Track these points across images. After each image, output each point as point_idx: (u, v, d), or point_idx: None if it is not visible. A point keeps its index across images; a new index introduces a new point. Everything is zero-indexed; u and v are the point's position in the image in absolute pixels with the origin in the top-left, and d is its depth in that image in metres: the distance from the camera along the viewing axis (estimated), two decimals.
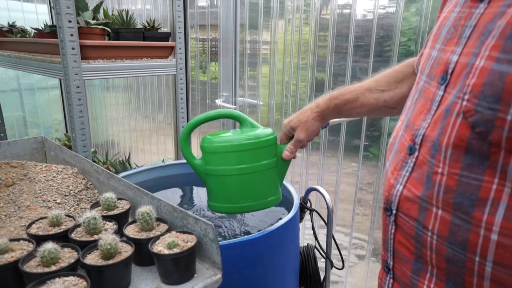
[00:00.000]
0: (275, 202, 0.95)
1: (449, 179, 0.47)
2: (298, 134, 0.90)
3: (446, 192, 0.47)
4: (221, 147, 0.90)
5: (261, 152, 0.90)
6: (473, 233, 0.44)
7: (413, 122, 0.55)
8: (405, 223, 0.54)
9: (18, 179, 0.93)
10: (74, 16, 1.27)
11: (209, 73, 2.08)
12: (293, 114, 0.92)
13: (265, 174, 0.91)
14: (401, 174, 0.55)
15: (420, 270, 0.54)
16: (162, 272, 0.66)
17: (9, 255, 0.62)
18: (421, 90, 0.56)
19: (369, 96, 0.83)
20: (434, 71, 0.53)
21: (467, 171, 0.45)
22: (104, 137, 3.09)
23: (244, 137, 0.89)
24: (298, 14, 1.61)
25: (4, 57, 1.83)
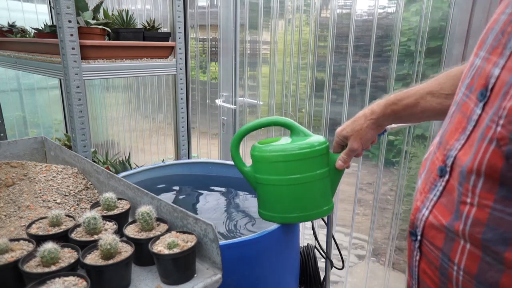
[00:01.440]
0: (327, 213, 0.93)
1: (479, 211, 0.42)
2: (352, 144, 0.85)
3: (474, 225, 0.42)
4: (272, 157, 0.88)
5: (313, 162, 0.87)
6: (507, 275, 0.39)
7: (447, 140, 0.51)
8: (430, 252, 0.50)
9: (18, 179, 0.93)
10: (74, 16, 1.27)
11: (209, 73, 2.08)
12: (346, 122, 0.88)
13: (317, 184, 0.89)
14: (428, 198, 0.51)
15: None
16: (162, 272, 0.66)
17: (9, 255, 0.62)
18: (459, 103, 0.50)
19: (432, 101, 0.73)
20: (474, 84, 0.46)
21: (501, 204, 0.40)
22: (104, 137, 3.09)
23: (296, 147, 0.86)
24: (298, 14, 1.61)
25: (4, 57, 1.83)
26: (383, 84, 1.41)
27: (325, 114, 1.59)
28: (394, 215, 1.48)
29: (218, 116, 2.04)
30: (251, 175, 0.95)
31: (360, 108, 1.50)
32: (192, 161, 1.49)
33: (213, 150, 2.19)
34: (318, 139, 0.89)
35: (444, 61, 1.24)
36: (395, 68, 1.36)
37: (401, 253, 1.56)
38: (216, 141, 2.13)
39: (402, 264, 1.57)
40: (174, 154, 1.93)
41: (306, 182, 0.87)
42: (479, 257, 0.42)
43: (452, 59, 1.18)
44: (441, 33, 1.24)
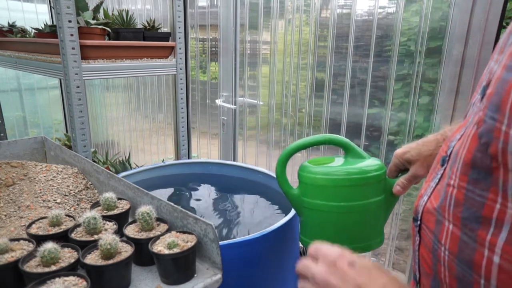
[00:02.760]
0: (377, 246, 0.83)
1: (458, 192, 0.45)
2: (417, 170, 0.76)
3: (455, 206, 0.45)
4: (321, 180, 0.79)
5: (368, 189, 0.78)
6: (478, 252, 0.42)
7: (453, 133, 0.53)
8: (426, 235, 0.52)
9: (18, 179, 0.93)
10: (74, 16, 1.27)
11: (209, 73, 2.09)
12: (410, 144, 0.78)
13: (369, 214, 0.80)
14: (430, 186, 0.53)
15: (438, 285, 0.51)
16: (162, 272, 0.66)
17: (9, 255, 0.62)
18: (474, 103, 0.52)
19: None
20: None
21: (472, 185, 0.42)
22: (104, 137, 3.09)
23: (350, 171, 0.78)
24: (298, 14, 1.61)
25: (4, 57, 1.83)
26: (383, 84, 1.41)
27: (325, 114, 1.59)
28: (394, 215, 1.48)
29: (218, 116, 2.04)
30: (297, 197, 0.85)
31: (360, 108, 1.50)
32: (192, 161, 1.49)
33: (213, 150, 2.19)
34: (374, 163, 0.80)
35: (444, 61, 1.24)
36: (395, 68, 1.36)
37: (401, 253, 1.56)
38: (216, 141, 2.13)
39: (402, 264, 1.57)
40: (174, 154, 1.93)
41: (358, 211, 0.78)
42: (459, 237, 0.44)
43: (452, 59, 1.18)
44: (441, 33, 1.24)
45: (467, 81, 1.15)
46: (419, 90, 1.33)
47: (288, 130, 1.77)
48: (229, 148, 2.00)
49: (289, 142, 1.78)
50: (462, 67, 1.16)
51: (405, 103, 1.37)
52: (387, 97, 1.40)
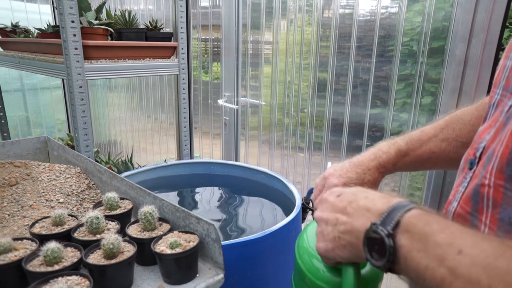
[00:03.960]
0: None
1: (495, 192, 0.41)
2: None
3: (493, 207, 0.42)
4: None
5: None
6: None
7: (479, 135, 0.51)
8: None
9: (21, 179, 0.93)
10: (77, 17, 1.27)
11: (211, 73, 2.09)
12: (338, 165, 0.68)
13: None
14: (459, 191, 0.51)
15: None
16: (164, 272, 0.66)
17: (13, 254, 0.62)
18: (494, 103, 0.50)
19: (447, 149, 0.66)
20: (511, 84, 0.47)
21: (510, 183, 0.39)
22: (106, 137, 3.10)
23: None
24: (300, 14, 1.61)
25: (7, 57, 1.84)
26: (385, 84, 1.41)
27: (327, 115, 1.59)
28: None
29: (220, 116, 2.04)
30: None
31: (362, 109, 1.49)
32: (194, 161, 1.49)
33: (215, 150, 2.19)
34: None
35: (446, 61, 1.23)
36: (397, 68, 1.36)
37: None
38: (218, 141, 2.13)
39: None
40: (176, 154, 1.94)
41: None
42: None
43: (455, 59, 1.18)
44: (443, 33, 1.23)
45: (470, 81, 1.15)
46: (422, 90, 1.32)
47: (290, 130, 1.77)
48: (231, 148, 2.00)
49: (291, 142, 1.78)
50: (465, 67, 1.16)
51: (408, 103, 1.37)
52: (389, 98, 1.40)
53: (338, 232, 0.44)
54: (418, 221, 0.37)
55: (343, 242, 0.44)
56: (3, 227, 0.79)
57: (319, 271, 0.55)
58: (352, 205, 0.44)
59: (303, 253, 0.59)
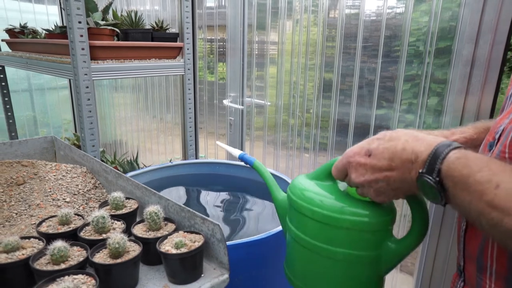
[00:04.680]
0: None
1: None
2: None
3: None
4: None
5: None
6: None
7: (497, 123, 0.53)
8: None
9: (28, 178, 0.94)
10: (84, 17, 1.28)
11: (216, 73, 2.09)
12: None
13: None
14: None
15: (482, 268, 0.52)
16: (170, 272, 0.66)
17: (20, 252, 0.63)
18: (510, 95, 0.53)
19: None
20: None
21: None
22: (112, 137, 3.12)
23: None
24: (306, 15, 1.61)
25: (15, 58, 1.86)
26: (391, 84, 1.40)
27: (333, 115, 1.58)
28: (402, 217, 1.47)
29: (225, 116, 2.04)
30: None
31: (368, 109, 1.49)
32: (200, 161, 1.49)
33: (221, 151, 2.20)
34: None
35: (453, 61, 1.23)
36: (403, 68, 1.35)
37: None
38: (223, 141, 2.13)
39: (409, 267, 1.56)
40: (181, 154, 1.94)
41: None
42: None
43: (462, 59, 1.17)
44: (450, 33, 1.23)
45: (477, 81, 1.14)
46: (428, 91, 1.31)
47: (295, 131, 1.76)
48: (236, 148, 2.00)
49: (296, 142, 1.78)
50: (472, 67, 1.15)
51: (414, 104, 1.36)
52: (395, 98, 1.39)
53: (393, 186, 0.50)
54: (457, 165, 0.42)
55: (400, 193, 0.51)
56: (11, 225, 0.80)
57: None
58: (395, 160, 0.48)
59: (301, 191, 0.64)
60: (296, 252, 0.67)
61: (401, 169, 0.48)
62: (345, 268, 0.61)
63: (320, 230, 0.60)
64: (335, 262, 0.61)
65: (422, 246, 1.40)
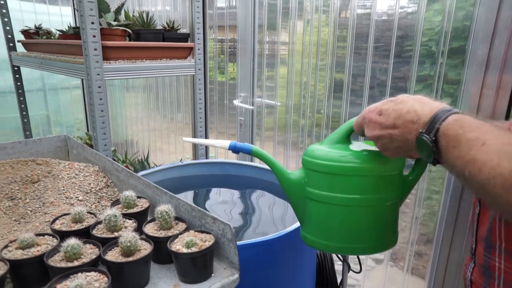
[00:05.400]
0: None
1: None
2: None
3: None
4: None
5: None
6: None
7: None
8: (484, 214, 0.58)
9: (43, 176, 0.96)
10: (97, 18, 1.30)
11: (227, 73, 2.10)
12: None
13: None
14: None
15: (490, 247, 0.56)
16: (180, 271, 0.67)
17: (35, 249, 0.64)
18: None
19: None
20: None
21: None
22: (123, 136, 3.15)
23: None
24: (317, 15, 1.60)
25: (30, 58, 1.89)
26: (403, 85, 1.39)
27: (344, 116, 1.57)
28: (414, 219, 1.45)
29: (235, 116, 2.05)
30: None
31: None
32: (210, 161, 1.50)
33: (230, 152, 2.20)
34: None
35: (467, 62, 1.21)
36: (416, 69, 1.33)
37: (421, 258, 1.52)
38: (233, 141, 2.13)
39: (421, 270, 1.54)
40: (191, 154, 1.95)
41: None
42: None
43: (476, 59, 1.15)
44: (464, 33, 1.21)
45: (492, 82, 1.12)
46: (441, 92, 1.30)
47: (305, 131, 1.76)
48: None
49: (306, 143, 1.77)
50: (487, 68, 1.13)
51: None
52: None
53: (395, 144, 0.56)
54: (453, 125, 0.48)
55: (400, 151, 0.58)
56: (26, 222, 0.82)
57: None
58: (400, 120, 0.54)
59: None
60: (318, 212, 0.73)
61: (403, 128, 0.54)
62: (380, 212, 0.70)
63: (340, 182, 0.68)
64: (364, 209, 0.69)
65: (434, 251, 1.38)
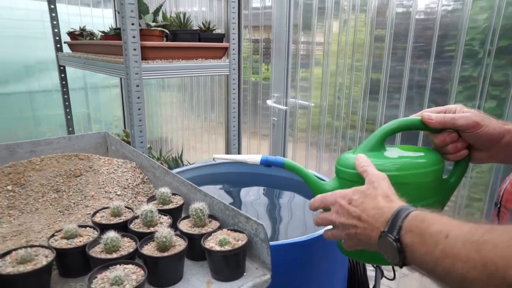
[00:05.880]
0: None
1: None
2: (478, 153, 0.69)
3: None
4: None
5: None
6: None
7: None
8: (503, 215, 0.57)
9: (84, 171, 1.00)
10: (137, 19, 1.34)
11: (261, 73, 2.10)
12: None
13: None
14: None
15: None
16: (213, 268, 0.68)
17: (78, 239, 0.68)
18: None
19: None
20: None
21: None
22: (158, 134, 3.24)
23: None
24: (354, 14, 1.57)
25: (75, 58, 1.99)
26: (443, 86, 1.33)
27: (380, 117, 1.53)
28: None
29: (268, 116, 2.05)
30: None
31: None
32: None
33: (263, 151, 2.20)
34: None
35: None
36: (458, 70, 1.27)
37: None
38: (265, 141, 2.14)
39: None
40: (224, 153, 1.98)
41: None
42: None
43: None
44: None
45: None
46: (486, 94, 1.23)
47: (339, 133, 1.73)
48: (279, 149, 2.00)
49: (340, 145, 1.74)
50: None
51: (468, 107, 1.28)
52: (448, 101, 1.32)
53: (357, 236, 0.56)
54: (416, 221, 0.47)
55: (362, 244, 0.57)
56: (69, 214, 0.86)
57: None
58: (364, 214, 0.55)
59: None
60: None
61: (366, 223, 0.54)
62: None
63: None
64: None
65: None
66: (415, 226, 0.47)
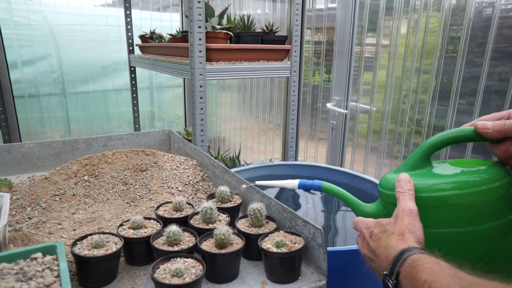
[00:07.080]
0: None
1: None
2: None
3: None
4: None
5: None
6: None
7: None
8: None
9: (150, 166, 1.06)
10: (204, 22, 1.39)
11: (322, 76, 2.07)
12: None
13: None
14: None
15: None
16: (269, 269, 0.68)
17: (143, 230, 0.72)
18: None
19: None
20: None
21: None
22: (216, 133, 3.34)
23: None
24: (425, 13, 1.48)
25: (145, 60, 2.12)
26: None
27: (449, 124, 1.42)
28: None
29: (327, 120, 2.01)
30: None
31: None
32: (300, 163, 1.49)
33: (320, 155, 2.17)
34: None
35: None
36: None
37: None
38: (323, 145, 2.10)
39: None
40: (280, 155, 1.97)
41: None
42: None
43: None
44: None
45: None
46: None
47: (402, 140, 1.64)
48: (337, 153, 1.95)
49: (403, 152, 1.65)
50: None
51: None
52: None
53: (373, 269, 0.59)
54: (409, 267, 0.49)
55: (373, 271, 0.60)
56: (135, 206, 0.91)
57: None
58: (378, 250, 0.56)
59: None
60: None
61: (378, 260, 0.56)
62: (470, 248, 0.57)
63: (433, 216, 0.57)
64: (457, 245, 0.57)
65: None
66: (409, 273, 0.48)
